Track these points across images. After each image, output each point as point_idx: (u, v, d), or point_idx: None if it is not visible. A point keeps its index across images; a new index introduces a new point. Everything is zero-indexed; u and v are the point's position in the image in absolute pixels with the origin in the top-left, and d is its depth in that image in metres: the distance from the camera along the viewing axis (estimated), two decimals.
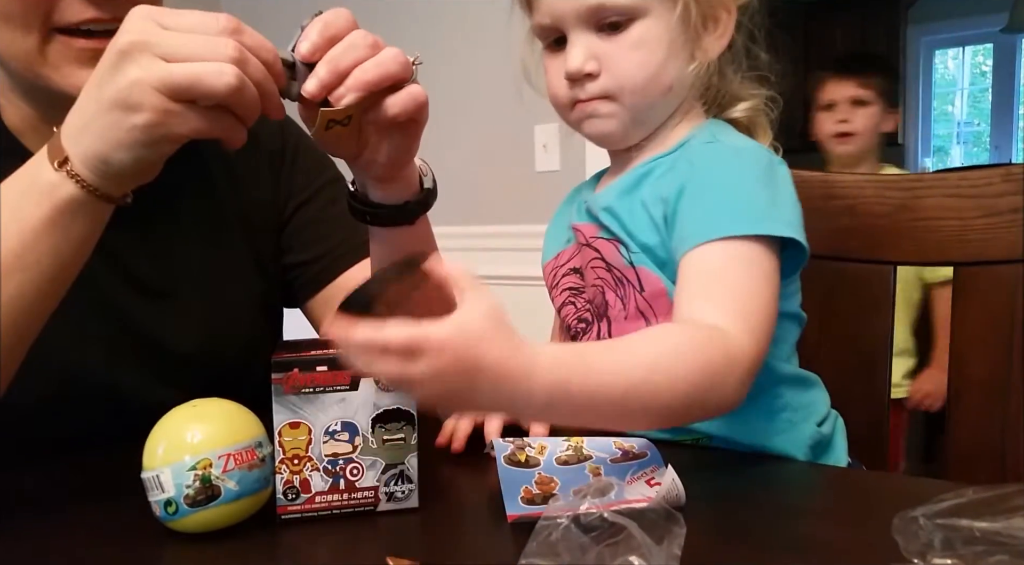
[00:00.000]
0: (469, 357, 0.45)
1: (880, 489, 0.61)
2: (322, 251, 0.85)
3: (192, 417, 0.51)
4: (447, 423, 0.69)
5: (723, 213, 0.64)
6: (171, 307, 0.77)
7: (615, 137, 0.75)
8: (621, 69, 0.70)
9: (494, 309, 0.48)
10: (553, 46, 0.75)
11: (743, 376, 0.58)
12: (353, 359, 0.44)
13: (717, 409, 0.59)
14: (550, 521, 0.42)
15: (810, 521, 0.54)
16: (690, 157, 0.70)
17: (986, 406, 0.81)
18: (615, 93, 0.71)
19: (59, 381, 0.69)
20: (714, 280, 0.62)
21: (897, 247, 0.85)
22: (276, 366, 0.50)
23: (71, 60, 0.65)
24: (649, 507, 0.45)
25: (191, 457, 0.48)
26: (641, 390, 0.53)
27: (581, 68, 0.70)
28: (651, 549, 0.39)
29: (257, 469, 0.50)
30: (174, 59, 0.50)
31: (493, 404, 0.53)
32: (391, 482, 0.53)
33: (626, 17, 0.69)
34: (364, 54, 0.55)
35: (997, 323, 0.80)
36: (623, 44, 0.70)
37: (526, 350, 0.48)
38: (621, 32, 0.70)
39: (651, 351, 0.56)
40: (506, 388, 0.47)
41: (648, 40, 0.70)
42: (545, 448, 0.61)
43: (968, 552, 0.41)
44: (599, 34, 0.70)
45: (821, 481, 0.64)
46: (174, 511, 0.48)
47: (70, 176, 0.53)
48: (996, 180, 0.80)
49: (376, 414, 0.52)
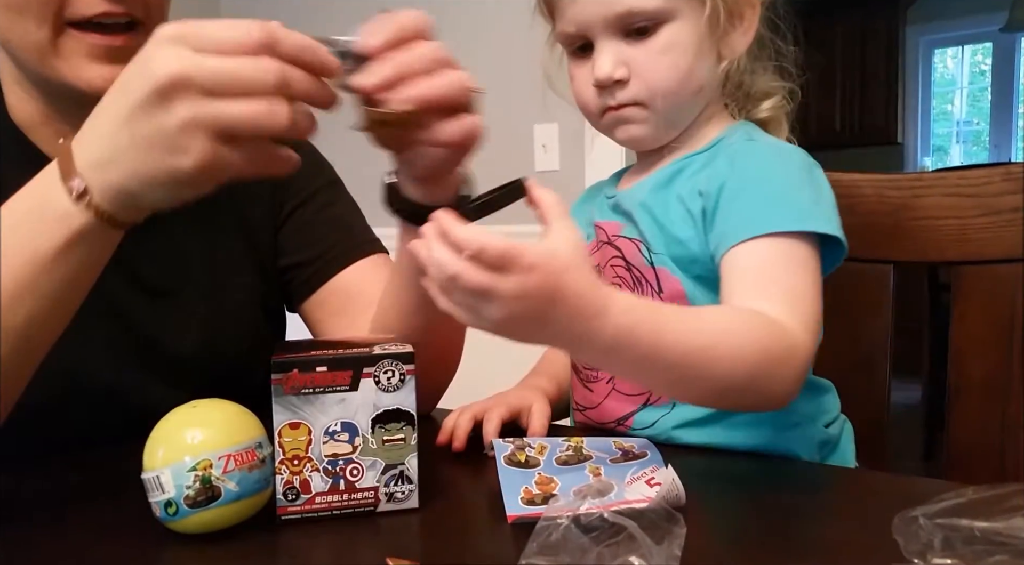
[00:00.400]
0: (553, 283, 0.46)
1: (880, 489, 0.61)
2: (316, 253, 0.85)
3: (192, 418, 0.51)
4: (447, 421, 0.69)
5: (770, 209, 0.65)
6: (172, 307, 0.77)
7: (648, 140, 0.75)
8: (651, 74, 0.70)
9: (580, 243, 0.50)
10: (578, 53, 0.74)
11: (800, 370, 0.59)
12: (439, 262, 0.46)
13: (770, 399, 0.60)
14: (550, 521, 0.42)
15: (810, 521, 0.54)
16: (729, 154, 0.70)
17: (986, 406, 0.81)
18: (646, 98, 0.71)
19: (60, 381, 0.69)
20: (765, 276, 0.63)
21: (897, 246, 0.85)
22: (276, 366, 0.50)
23: (82, 55, 0.65)
24: (649, 507, 0.45)
25: (191, 458, 0.48)
26: (703, 356, 0.55)
27: (611, 75, 0.70)
28: (651, 549, 0.39)
29: (257, 470, 0.50)
30: (220, 94, 0.47)
31: (562, 336, 0.52)
32: (391, 482, 0.53)
33: (654, 22, 0.69)
34: (428, 67, 0.53)
35: (997, 323, 0.80)
36: (652, 49, 0.70)
37: (604, 289, 0.50)
38: (649, 37, 0.69)
39: (720, 322, 0.57)
40: (579, 321, 0.49)
41: (677, 43, 0.69)
42: (545, 448, 0.61)
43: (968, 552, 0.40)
44: (626, 39, 0.70)
45: (821, 481, 0.64)
46: (174, 512, 0.48)
47: (89, 207, 0.51)
48: (996, 179, 0.81)
49: (376, 414, 0.52)
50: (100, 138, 0.51)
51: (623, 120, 0.73)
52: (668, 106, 0.71)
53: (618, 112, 0.72)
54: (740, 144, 0.72)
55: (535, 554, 0.40)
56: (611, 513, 0.42)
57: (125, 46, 0.66)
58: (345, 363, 0.51)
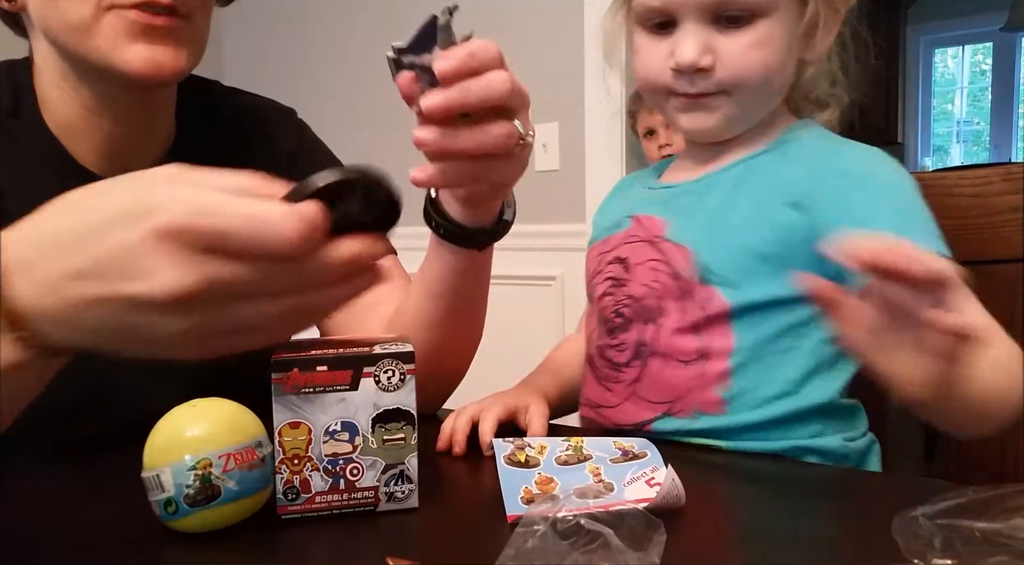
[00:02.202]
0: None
1: (880, 489, 0.61)
2: None
3: (192, 417, 0.50)
4: (444, 426, 0.69)
5: (913, 225, 0.63)
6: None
7: (714, 132, 0.72)
8: (740, 67, 0.67)
9: None
10: (655, 29, 0.71)
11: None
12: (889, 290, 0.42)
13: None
14: (527, 528, 0.42)
15: (810, 521, 0.54)
16: (818, 154, 0.68)
17: None
18: (729, 90, 0.68)
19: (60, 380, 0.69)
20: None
21: None
22: (276, 366, 0.50)
23: (123, 32, 0.65)
24: (629, 513, 0.44)
25: (191, 457, 0.48)
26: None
27: (696, 62, 0.67)
28: (628, 556, 0.39)
29: (257, 469, 0.50)
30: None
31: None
32: (391, 482, 0.53)
33: (750, 13, 0.66)
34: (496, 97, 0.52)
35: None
36: (743, 41, 0.67)
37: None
38: (742, 28, 0.67)
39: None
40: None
41: (771, 39, 0.67)
42: (545, 448, 0.61)
43: (968, 552, 0.41)
44: (716, 26, 0.67)
45: (821, 481, 0.64)
46: (174, 511, 0.48)
47: (30, 347, 0.41)
48: (995, 179, 0.80)
49: (376, 414, 0.52)
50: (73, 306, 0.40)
51: (698, 107, 0.70)
52: (749, 101, 0.69)
53: (695, 99, 0.69)
54: (828, 143, 0.69)
55: (511, 559, 0.40)
56: (587, 519, 0.42)
57: (166, 26, 0.66)
58: (345, 362, 0.51)
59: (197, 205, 0.37)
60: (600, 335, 0.77)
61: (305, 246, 0.38)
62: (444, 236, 0.66)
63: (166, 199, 0.37)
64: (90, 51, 0.66)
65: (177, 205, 0.37)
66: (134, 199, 0.38)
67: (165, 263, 0.37)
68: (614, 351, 0.75)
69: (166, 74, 0.67)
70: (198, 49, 0.72)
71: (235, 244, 0.37)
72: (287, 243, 0.37)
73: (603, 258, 0.78)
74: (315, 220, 0.38)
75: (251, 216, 0.37)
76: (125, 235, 0.37)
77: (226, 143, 0.59)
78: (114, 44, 0.65)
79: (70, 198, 0.41)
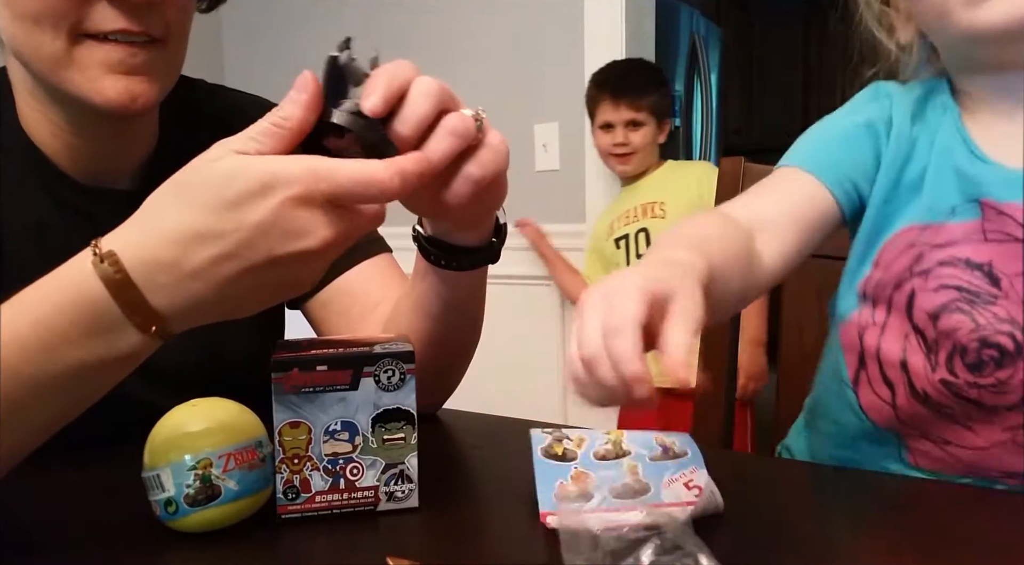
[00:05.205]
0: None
1: (880, 489, 0.61)
2: None
3: (192, 417, 0.51)
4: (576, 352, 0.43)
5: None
6: None
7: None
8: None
9: None
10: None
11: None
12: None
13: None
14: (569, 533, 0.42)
15: (810, 521, 0.54)
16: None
17: None
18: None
19: None
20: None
21: None
22: (276, 365, 0.50)
23: (98, 66, 0.64)
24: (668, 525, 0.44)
25: (191, 456, 0.48)
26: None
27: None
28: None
29: (257, 469, 0.50)
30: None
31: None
32: (391, 482, 0.53)
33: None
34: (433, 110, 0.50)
35: None
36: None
37: None
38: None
39: None
40: None
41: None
42: (583, 441, 0.59)
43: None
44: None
45: (821, 481, 0.64)
46: (174, 511, 0.48)
47: (159, 336, 0.48)
48: None
49: (376, 414, 0.52)
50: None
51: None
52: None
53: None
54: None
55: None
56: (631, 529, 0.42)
57: (142, 60, 0.65)
58: (345, 362, 0.51)
59: (316, 172, 0.45)
60: (940, 368, 0.61)
61: (404, 193, 0.47)
62: (426, 255, 0.65)
63: (283, 172, 0.45)
64: (63, 81, 0.65)
65: (302, 175, 0.45)
66: (249, 181, 0.45)
67: (314, 221, 0.45)
68: (986, 392, 0.60)
69: (140, 106, 0.66)
70: (174, 74, 0.71)
71: (355, 199, 0.47)
72: (393, 194, 0.47)
73: (931, 255, 0.60)
74: (411, 173, 0.47)
75: (362, 175, 0.46)
76: (264, 209, 0.44)
77: (210, 141, 0.59)
78: (88, 76, 0.64)
79: (165, 199, 0.47)
